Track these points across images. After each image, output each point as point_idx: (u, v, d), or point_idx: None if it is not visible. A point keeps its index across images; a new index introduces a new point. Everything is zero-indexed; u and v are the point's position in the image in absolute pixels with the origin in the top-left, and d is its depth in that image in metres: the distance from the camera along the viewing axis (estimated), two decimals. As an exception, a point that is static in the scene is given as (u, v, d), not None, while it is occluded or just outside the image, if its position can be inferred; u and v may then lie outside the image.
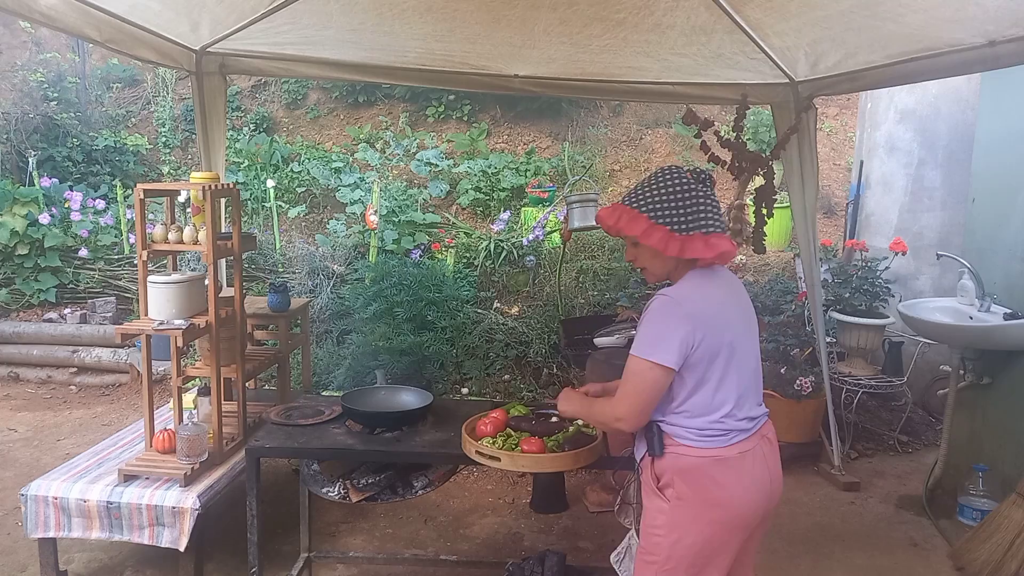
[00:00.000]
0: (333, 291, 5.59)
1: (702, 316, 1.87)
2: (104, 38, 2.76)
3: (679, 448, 1.91)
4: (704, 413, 1.89)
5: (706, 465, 1.89)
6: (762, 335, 4.52)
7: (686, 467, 1.90)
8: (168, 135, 8.15)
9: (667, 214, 1.91)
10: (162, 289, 2.81)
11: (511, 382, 5.00)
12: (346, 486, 2.54)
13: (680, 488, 1.90)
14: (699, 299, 1.90)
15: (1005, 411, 3.68)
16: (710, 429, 1.89)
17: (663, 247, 1.90)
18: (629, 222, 1.94)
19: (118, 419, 5.01)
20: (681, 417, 1.91)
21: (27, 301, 6.18)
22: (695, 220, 1.91)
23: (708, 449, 1.89)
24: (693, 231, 1.90)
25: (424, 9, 2.96)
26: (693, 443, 1.90)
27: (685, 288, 1.94)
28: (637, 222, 1.93)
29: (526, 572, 2.90)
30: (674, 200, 1.92)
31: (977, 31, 2.69)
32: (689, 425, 1.90)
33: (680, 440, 1.91)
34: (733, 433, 1.91)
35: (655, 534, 1.94)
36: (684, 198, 1.92)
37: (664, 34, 3.08)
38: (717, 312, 1.92)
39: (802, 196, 3.90)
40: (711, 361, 1.88)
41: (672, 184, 1.94)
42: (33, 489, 2.79)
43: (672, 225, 1.91)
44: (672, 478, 1.91)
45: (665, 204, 1.92)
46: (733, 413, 1.91)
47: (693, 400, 1.89)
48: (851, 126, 7.99)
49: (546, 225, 5.93)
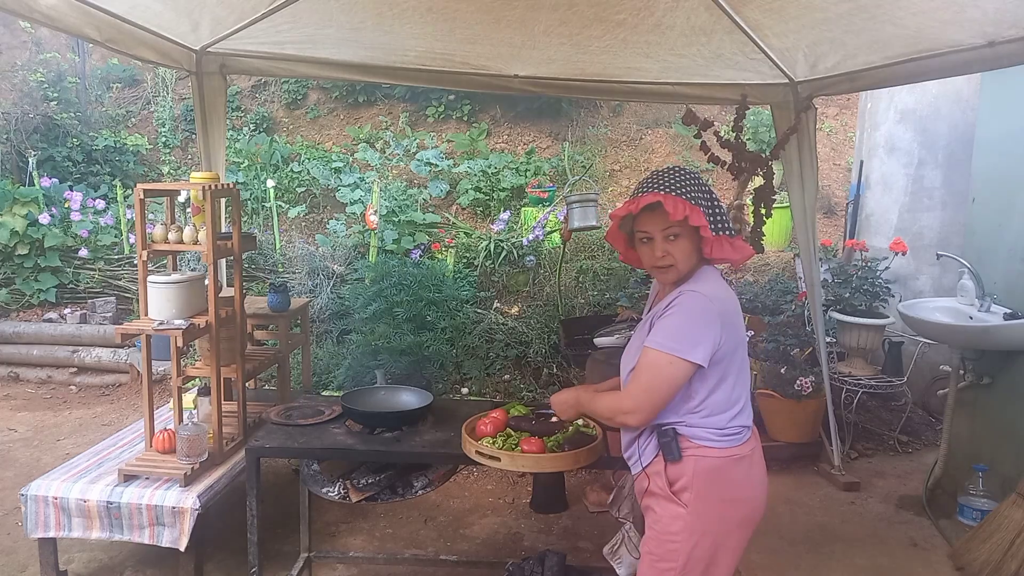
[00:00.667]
0: (333, 291, 5.59)
1: (728, 314, 1.90)
2: (104, 38, 2.76)
3: (700, 450, 1.88)
4: (723, 410, 1.89)
5: (727, 465, 1.89)
6: (762, 335, 4.55)
7: (708, 468, 1.87)
8: (168, 135, 8.15)
9: (711, 213, 1.92)
10: (162, 289, 2.82)
11: (511, 382, 5.00)
12: (346, 486, 2.54)
13: (700, 490, 1.87)
14: (725, 297, 1.93)
15: (1005, 411, 3.68)
16: (729, 428, 1.90)
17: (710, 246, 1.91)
18: (694, 214, 1.86)
19: (118, 419, 5.01)
20: (699, 417, 1.89)
21: (27, 301, 6.19)
22: (723, 222, 1.94)
23: (728, 448, 1.89)
24: (722, 233, 1.93)
25: (424, 9, 2.96)
26: (714, 443, 1.88)
27: (712, 286, 1.91)
28: (699, 214, 1.86)
29: (526, 572, 2.90)
30: (710, 199, 1.93)
31: (976, 32, 2.69)
32: (708, 425, 1.89)
33: (699, 441, 1.88)
34: (746, 431, 1.93)
35: (672, 541, 1.89)
36: (715, 199, 1.95)
37: (664, 35, 3.08)
38: (734, 310, 1.94)
39: (802, 196, 3.91)
40: (731, 358, 1.90)
41: (703, 184, 1.94)
42: (33, 489, 2.79)
43: (712, 224, 1.91)
44: (691, 481, 1.87)
45: (706, 202, 1.91)
46: (745, 409, 1.94)
47: (713, 398, 1.89)
48: (851, 126, 7.98)
49: (546, 225, 5.93)
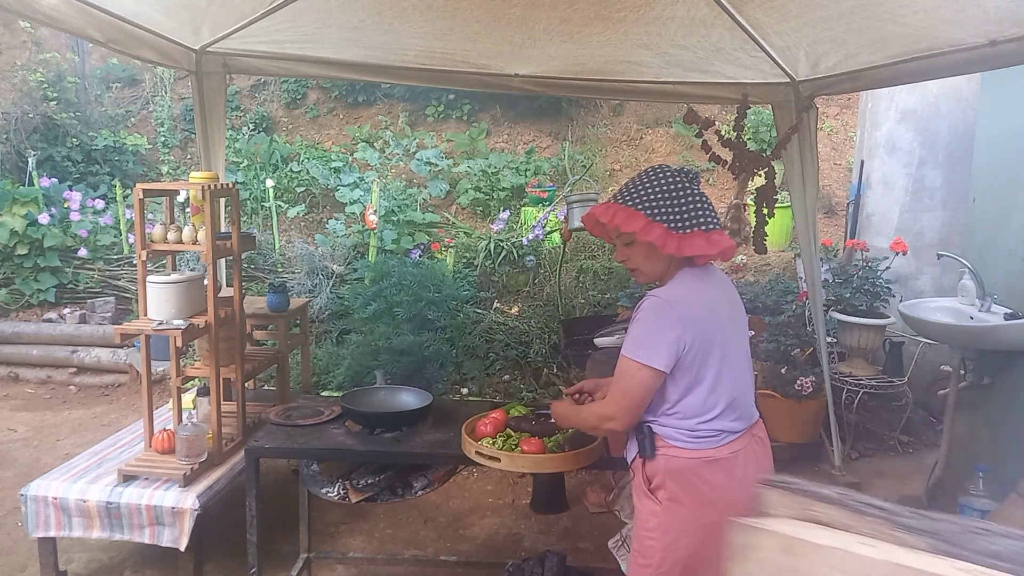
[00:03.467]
0: (333, 291, 5.59)
1: (693, 317, 1.86)
2: (105, 38, 2.75)
3: (670, 449, 1.90)
4: (697, 414, 1.88)
5: (697, 466, 1.88)
6: (762, 335, 4.54)
7: (677, 468, 1.89)
8: (167, 135, 8.15)
9: (664, 211, 1.89)
10: (161, 289, 2.81)
11: (511, 382, 5.00)
12: (346, 486, 2.54)
13: (672, 490, 1.89)
14: (690, 299, 1.89)
15: (1005, 411, 3.68)
16: (701, 430, 1.89)
17: (661, 244, 1.87)
18: (627, 219, 1.89)
19: (118, 419, 5.00)
20: (673, 418, 1.90)
21: (26, 301, 6.18)
22: (693, 217, 1.89)
23: (699, 450, 1.88)
24: (692, 228, 1.88)
25: (424, 7, 2.96)
26: (684, 444, 1.89)
27: (676, 288, 1.92)
28: (635, 219, 1.89)
29: (526, 573, 2.89)
30: (670, 197, 1.90)
31: (978, 31, 2.68)
32: (680, 426, 1.89)
33: (671, 441, 1.90)
34: (725, 434, 1.90)
35: (648, 537, 1.92)
36: (679, 196, 1.90)
37: (664, 25, 3.07)
38: (708, 312, 1.90)
39: (803, 196, 3.90)
40: (704, 362, 1.87)
41: (666, 182, 1.92)
42: (33, 489, 2.79)
43: (669, 223, 1.88)
44: (664, 480, 1.90)
45: (662, 201, 1.89)
46: (726, 414, 1.90)
47: (686, 401, 1.88)
48: (851, 126, 7.98)
49: (546, 225, 5.92)
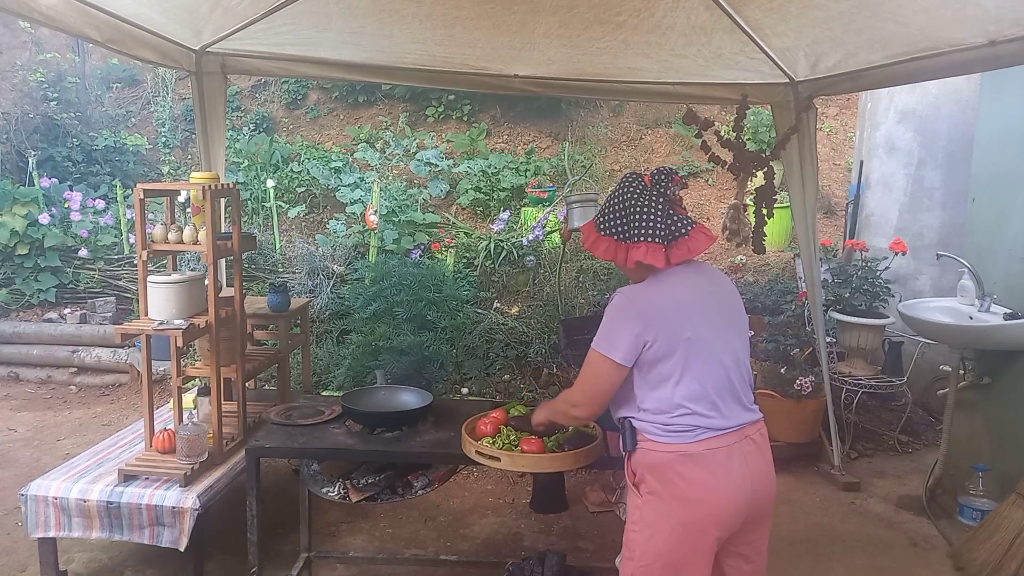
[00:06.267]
0: (333, 291, 5.59)
1: (656, 314, 1.93)
2: (104, 38, 2.76)
3: (647, 443, 1.95)
4: (667, 409, 1.92)
5: (671, 460, 1.91)
6: (762, 335, 4.55)
7: (653, 462, 1.94)
8: (168, 135, 8.15)
9: (612, 224, 2.02)
10: (162, 289, 2.82)
11: (511, 382, 5.00)
12: (346, 486, 2.54)
13: (651, 484, 1.94)
14: (655, 297, 1.96)
15: (1005, 411, 3.68)
16: (674, 424, 1.92)
17: (611, 256, 2.02)
18: (586, 235, 2.09)
19: (118, 419, 5.01)
20: (648, 413, 1.96)
21: (27, 301, 6.19)
22: (639, 230, 1.98)
23: (673, 444, 1.92)
24: (641, 240, 1.97)
25: (424, 16, 2.97)
26: (658, 438, 1.93)
27: (642, 287, 2.02)
28: (589, 235, 2.08)
29: (526, 572, 2.90)
30: (621, 210, 2.02)
31: (978, 31, 2.68)
32: (655, 420, 1.94)
33: (648, 436, 1.95)
34: (701, 430, 1.91)
35: (631, 531, 1.99)
36: (631, 208, 2.00)
37: (664, 35, 3.08)
38: (675, 310, 1.94)
39: (802, 196, 3.91)
40: (668, 358, 1.91)
41: (623, 194, 2.04)
42: (33, 489, 2.79)
43: (618, 235, 2.01)
44: (643, 474, 1.96)
45: (613, 215, 2.03)
46: (700, 409, 1.91)
47: (655, 395, 1.94)
48: (851, 126, 7.98)
49: (546, 225, 5.92)
